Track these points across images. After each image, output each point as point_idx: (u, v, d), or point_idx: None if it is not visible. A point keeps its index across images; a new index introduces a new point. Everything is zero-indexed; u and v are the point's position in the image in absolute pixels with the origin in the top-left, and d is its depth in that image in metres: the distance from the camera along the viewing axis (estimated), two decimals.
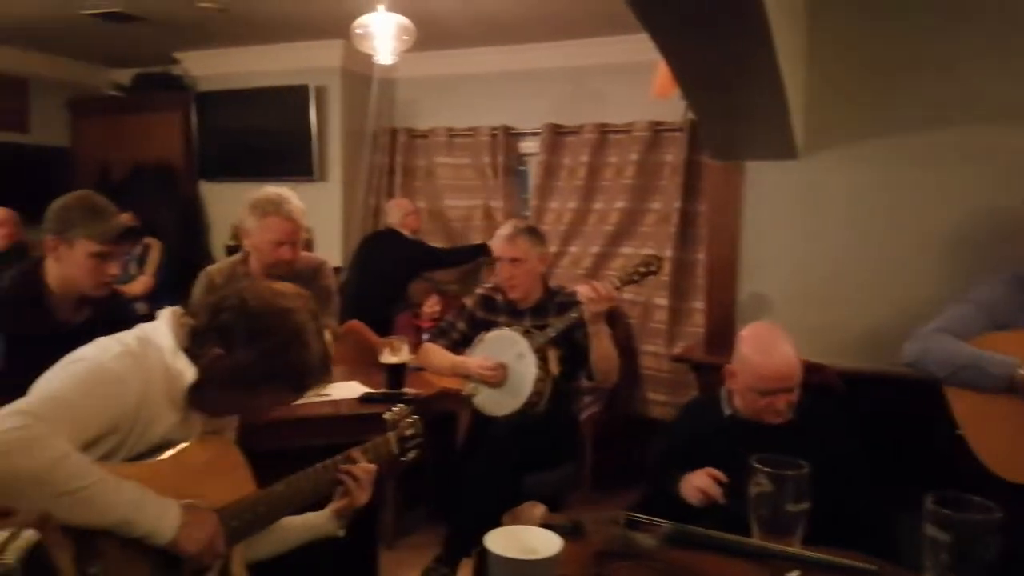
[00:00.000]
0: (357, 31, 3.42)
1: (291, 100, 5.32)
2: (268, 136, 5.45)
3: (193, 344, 1.47)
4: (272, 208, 2.70)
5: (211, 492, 1.43)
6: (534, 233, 2.90)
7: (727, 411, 2.13)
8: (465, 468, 2.66)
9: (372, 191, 5.60)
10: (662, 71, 3.02)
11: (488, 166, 5.25)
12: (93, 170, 5.91)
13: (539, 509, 1.56)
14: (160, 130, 5.80)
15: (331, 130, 5.41)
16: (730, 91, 2.35)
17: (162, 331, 1.47)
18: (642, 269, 2.70)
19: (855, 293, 2.88)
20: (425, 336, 3.48)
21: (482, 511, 2.43)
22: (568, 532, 1.44)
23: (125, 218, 2.69)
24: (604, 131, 4.90)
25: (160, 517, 1.29)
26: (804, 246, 2.95)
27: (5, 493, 1.12)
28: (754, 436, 1.93)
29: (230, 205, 5.64)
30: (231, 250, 5.48)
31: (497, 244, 2.88)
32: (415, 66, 5.18)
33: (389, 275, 4.71)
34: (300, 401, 1.64)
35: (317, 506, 1.72)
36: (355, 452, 1.74)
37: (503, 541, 1.24)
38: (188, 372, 1.44)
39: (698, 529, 1.53)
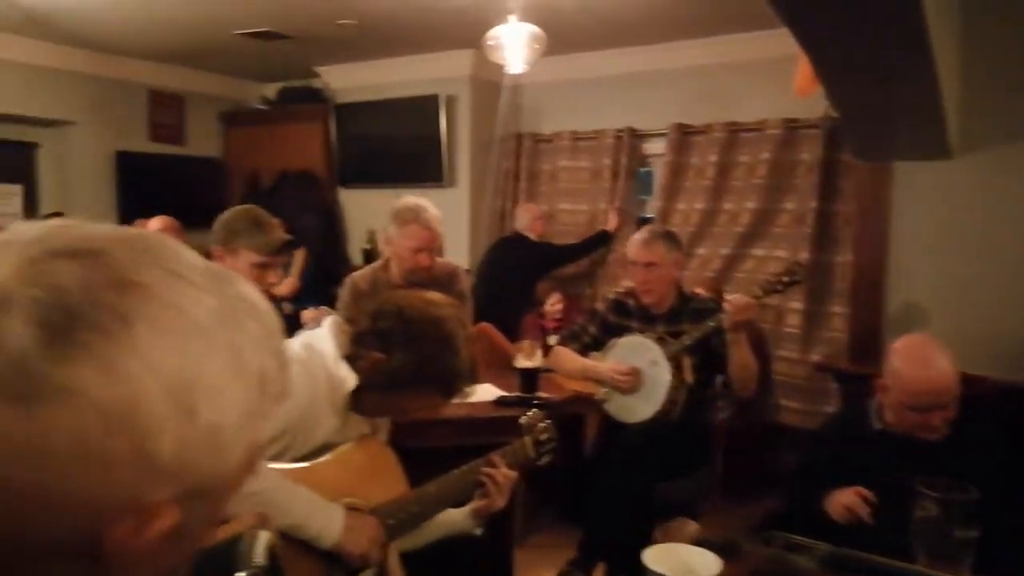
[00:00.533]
0: (489, 43, 3.50)
1: (422, 109, 5.50)
2: (401, 144, 5.67)
3: (354, 349, 1.57)
4: (411, 216, 2.82)
5: (369, 491, 1.53)
6: (671, 238, 2.87)
7: (877, 425, 2.04)
8: (596, 473, 2.68)
9: (498, 195, 5.71)
10: (803, 68, 2.91)
11: (607, 168, 5.24)
12: (243, 178, 6.35)
13: (692, 526, 1.56)
14: (303, 140, 6.15)
15: (460, 137, 5.56)
16: (879, 89, 2.24)
17: (325, 339, 1.58)
18: (785, 279, 2.62)
19: (1018, 301, 2.68)
20: (553, 338, 3.52)
21: (616, 518, 2.45)
22: (723, 551, 1.43)
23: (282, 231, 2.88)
24: (734, 130, 4.78)
25: (328, 522, 1.38)
26: (960, 252, 2.78)
27: None
28: (906, 453, 1.85)
29: (366, 210, 5.92)
30: (367, 253, 5.75)
31: (632, 248, 2.86)
32: (541, 71, 5.22)
33: (517, 278, 4.79)
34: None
35: (456, 504, 1.80)
36: (495, 456, 1.80)
37: (662, 559, 1.25)
38: (350, 379, 1.54)
39: (859, 553, 1.47)
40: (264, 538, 0.84)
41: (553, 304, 4.73)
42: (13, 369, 0.40)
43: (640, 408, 2.73)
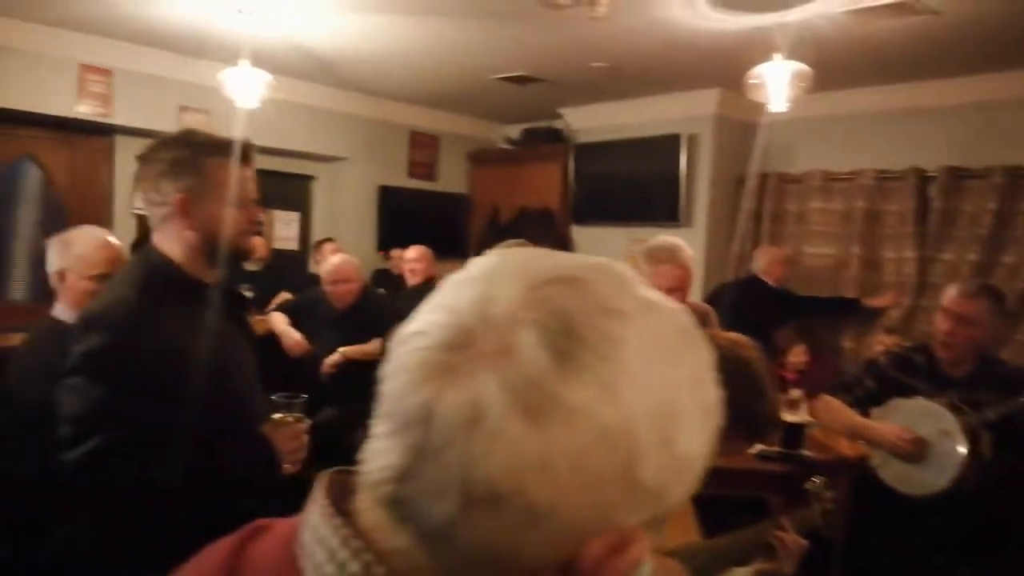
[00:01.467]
0: (751, 81, 3.42)
1: (663, 148, 5.50)
2: (637, 183, 5.69)
3: None
4: (666, 256, 2.79)
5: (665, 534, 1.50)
6: (999, 299, 2.56)
7: None
8: (878, 546, 2.44)
9: (738, 236, 5.54)
10: None
11: (860, 211, 4.89)
12: (486, 213, 6.71)
13: None
14: (542, 178, 6.40)
15: (699, 177, 5.48)
16: None
17: None
18: None
19: None
20: (795, 391, 3.31)
21: None
22: None
23: None
24: (1017, 174, 4.27)
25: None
26: None
27: None
28: None
29: (598, 247, 6.00)
30: None
31: (951, 296, 2.58)
32: (794, 108, 5.03)
33: (751, 322, 4.58)
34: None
35: (736, 563, 1.72)
36: (785, 520, 1.70)
37: None
38: None
39: None
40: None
41: (797, 355, 4.46)
42: (529, 386, 0.42)
43: (922, 480, 2.46)
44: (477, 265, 0.50)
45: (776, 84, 3.38)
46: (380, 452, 0.47)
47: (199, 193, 1.50)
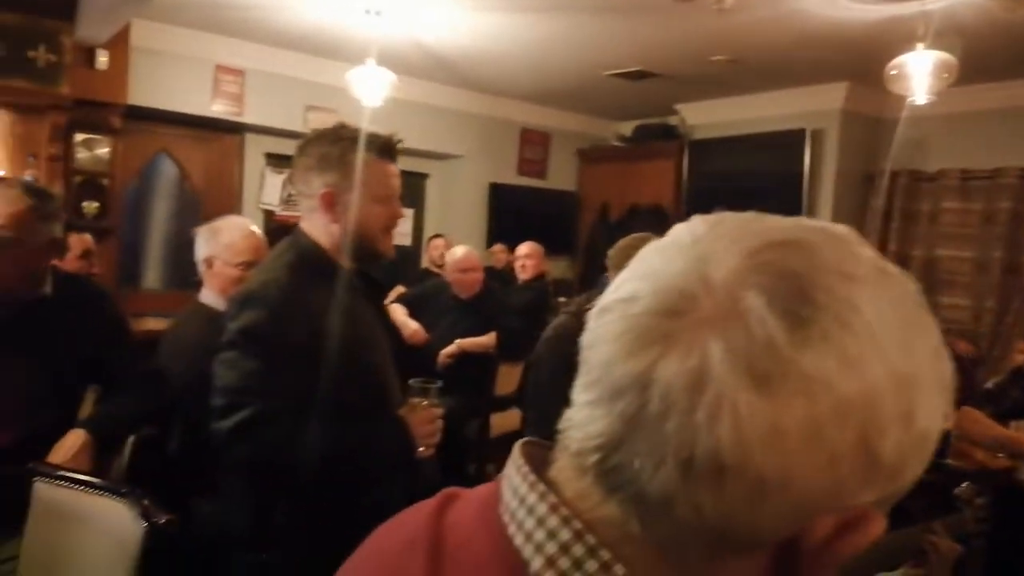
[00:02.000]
0: (891, 72, 3.24)
1: (785, 144, 5.31)
2: (756, 180, 5.51)
3: None
4: None
5: None
6: None
7: None
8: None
9: (867, 237, 5.27)
10: None
11: (1005, 212, 4.55)
12: (593, 211, 6.67)
13: None
14: (654, 175, 6.30)
15: (824, 173, 5.25)
16: None
17: None
18: None
19: None
20: None
21: None
22: None
23: None
24: None
25: None
26: None
27: None
28: None
29: None
30: None
31: None
32: (926, 102, 4.75)
33: None
34: None
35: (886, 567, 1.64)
36: (937, 525, 1.61)
37: None
38: None
39: None
40: None
41: None
42: (759, 352, 0.40)
43: None
44: (681, 232, 0.48)
45: (919, 75, 3.19)
46: (586, 421, 0.45)
47: (343, 188, 1.55)
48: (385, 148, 1.60)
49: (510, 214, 6.36)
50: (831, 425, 0.40)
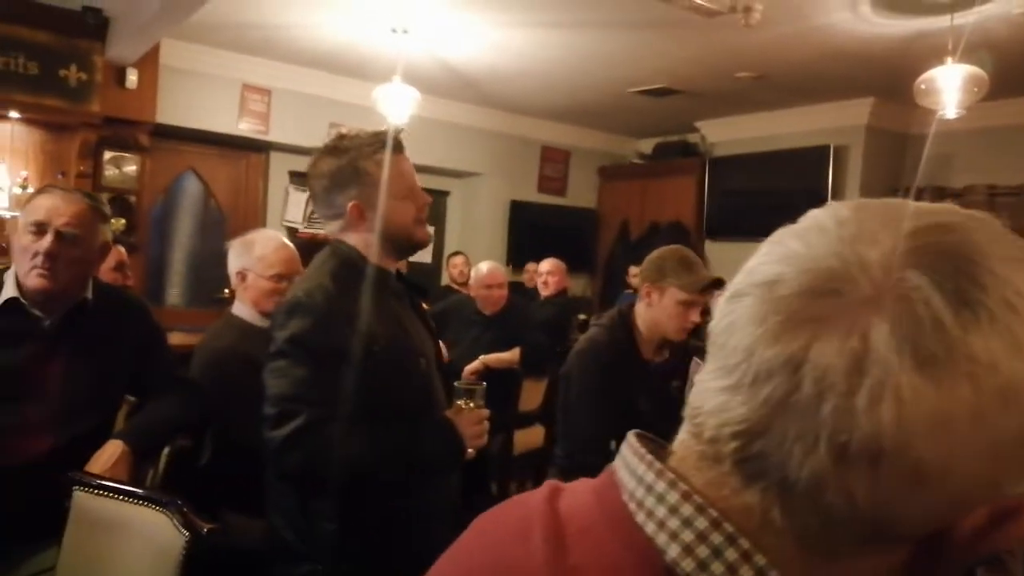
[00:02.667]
0: (921, 86, 3.23)
1: (808, 161, 5.29)
2: (778, 197, 5.48)
3: None
4: None
5: None
6: None
7: None
8: None
9: None
10: None
11: None
12: (615, 227, 6.67)
13: None
14: (674, 193, 6.30)
15: (848, 190, 5.23)
16: None
17: None
18: None
19: None
20: None
21: None
22: None
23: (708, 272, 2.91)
24: None
25: None
26: None
27: None
28: None
29: (731, 263, 5.81)
30: None
31: None
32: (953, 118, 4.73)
33: None
34: None
35: None
36: None
37: None
38: None
39: None
40: None
41: None
42: (925, 333, 0.38)
43: None
44: (821, 216, 0.46)
45: (949, 89, 3.18)
46: (723, 407, 0.44)
47: (368, 196, 1.55)
48: (393, 143, 1.60)
49: (530, 231, 6.38)
50: (996, 410, 0.39)
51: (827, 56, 4.05)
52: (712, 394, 0.45)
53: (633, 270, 4.91)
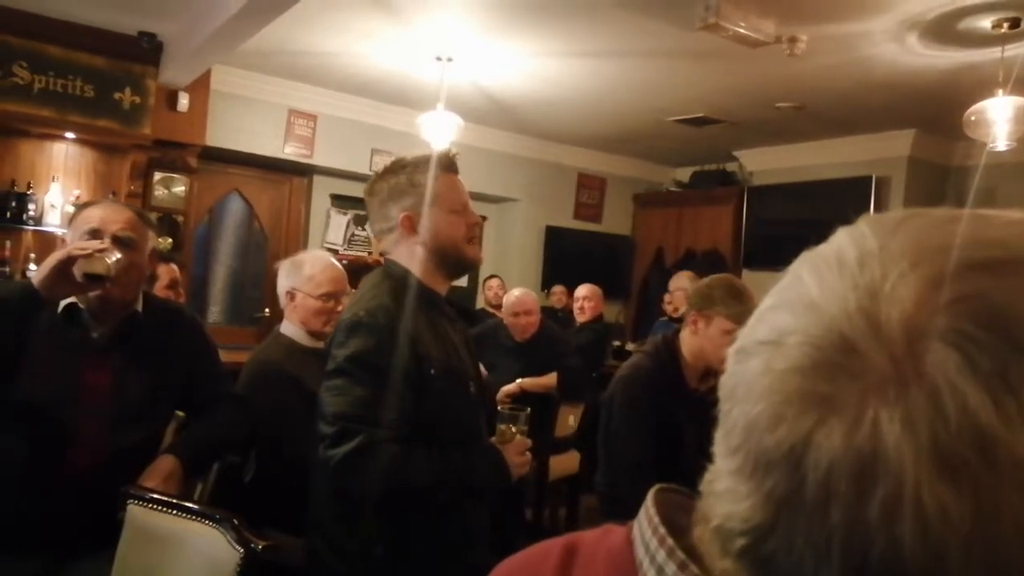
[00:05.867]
0: (971, 118, 3.20)
1: (849, 191, 5.25)
2: (818, 228, 5.28)
3: None
4: None
5: None
6: None
7: None
8: None
9: None
10: None
11: None
12: (650, 254, 6.66)
13: None
14: (711, 221, 6.28)
15: None
16: None
17: None
18: None
19: None
20: None
21: None
22: None
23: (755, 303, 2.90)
24: None
25: None
26: None
27: None
28: None
29: (766, 293, 5.75)
30: None
31: None
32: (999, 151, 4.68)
33: None
34: None
35: None
36: None
37: None
38: None
39: None
40: None
41: None
42: (954, 431, 0.30)
43: None
44: (844, 243, 0.38)
45: (1000, 121, 3.15)
46: (729, 495, 0.37)
47: (420, 208, 1.58)
48: (448, 163, 1.64)
49: (565, 257, 6.39)
50: None
51: (869, 87, 4.03)
52: (719, 474, 0.39)
53: (668, 297, 4.89)
